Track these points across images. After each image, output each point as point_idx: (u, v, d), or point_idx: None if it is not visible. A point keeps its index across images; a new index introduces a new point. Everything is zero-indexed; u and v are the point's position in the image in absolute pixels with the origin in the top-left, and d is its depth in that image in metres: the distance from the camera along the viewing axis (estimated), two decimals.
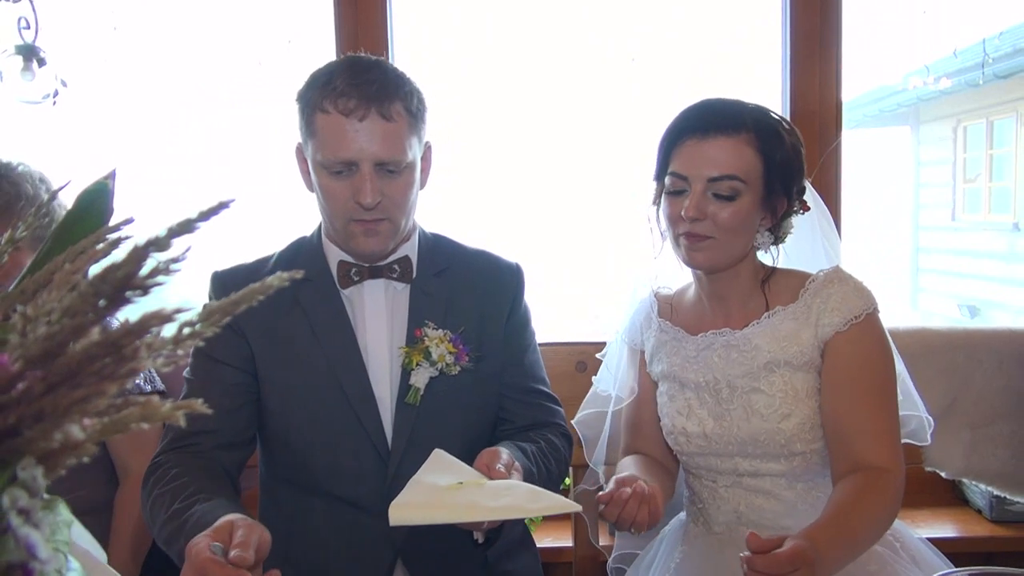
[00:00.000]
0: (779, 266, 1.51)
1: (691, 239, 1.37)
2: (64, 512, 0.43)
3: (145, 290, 0.43)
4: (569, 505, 1.13)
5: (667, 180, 1.41)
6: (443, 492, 1.13)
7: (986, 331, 2.19)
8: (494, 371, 1.48)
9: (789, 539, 1.11)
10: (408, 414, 1.40)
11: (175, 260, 0.44)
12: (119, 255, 0.42)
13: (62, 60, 2.34)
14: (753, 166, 1.36)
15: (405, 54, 2.44)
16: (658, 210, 1.48)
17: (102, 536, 1.78)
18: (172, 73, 2.90)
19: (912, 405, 1.56)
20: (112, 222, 0.48)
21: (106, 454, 1.82)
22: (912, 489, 2.37)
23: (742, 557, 1.11)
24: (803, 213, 1.48)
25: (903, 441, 1.53)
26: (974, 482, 2.22)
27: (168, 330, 0.45)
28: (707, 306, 1.51)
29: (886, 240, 8.35)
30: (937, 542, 2.10)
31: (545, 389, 1.56)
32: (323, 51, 2.45)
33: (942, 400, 2.10)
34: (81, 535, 0.91)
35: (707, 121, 1.37)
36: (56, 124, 2.44)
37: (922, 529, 2.18)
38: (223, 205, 0.45)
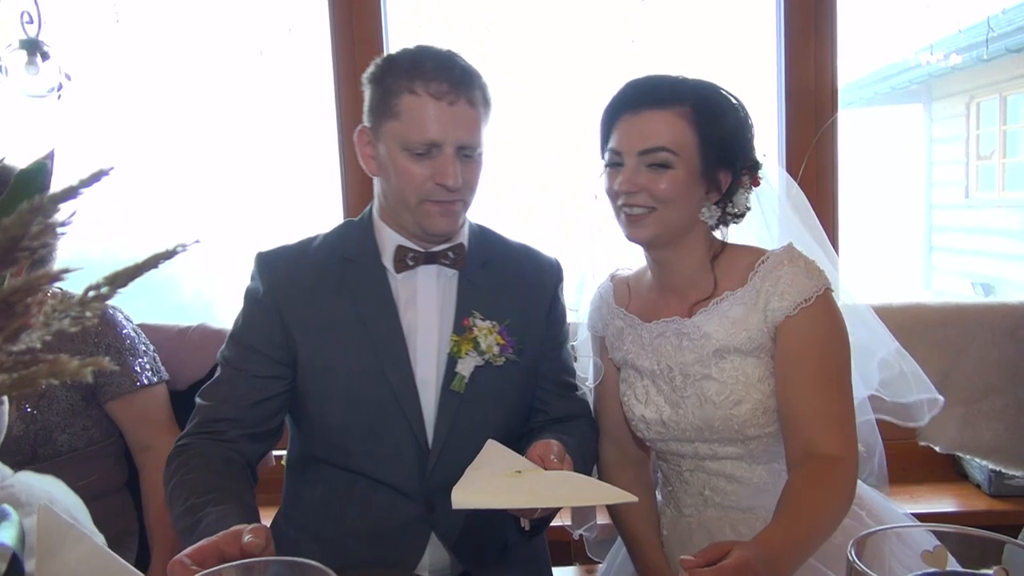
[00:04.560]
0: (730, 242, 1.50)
1: (630, 217, 1.39)
2: None
3: (32, 251, 0.46)
4: (624, 496, 1.13)
5: (606, 156, 1.42)
6: (503, 479, 1.17)
7: (979, 306, 2.20)
8: (533, 364, 1.51)
9: (735, 549, 1.07)
10: (452, 400, 1.42)
11: (62, 224, 0.46)
12: (8, 221, 0.44)
13: (65, 54, 2.37)
14: (685, 138, 1.35)
15: (400, 40, 2.46)
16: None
17: (112, 518, 1.83)
18: (174, 63, 2.92)
19: (925, 387, 1.55)
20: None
21: (111, 441, 1.87)
22: (912, 465, 2.41)
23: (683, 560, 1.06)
24: (753, 188, 1.46)
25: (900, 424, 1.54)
26: (969, 456, 2.24)
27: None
28: (659, 289, 1.50)
29: (898, 219, 8.28)
30: (937, 517, 2.13)
31: (575, 382, 1.60)
32: (323, 40, 2.48)
33: (935, 375, 2.09)
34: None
35: (639, 97, 1.39)
36: (61, 117, 2.48)
37: (922, 504, 2.21)
38: (103, 172, 0.48)
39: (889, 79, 7.43)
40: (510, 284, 1.51)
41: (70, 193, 0.47)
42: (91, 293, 0.46)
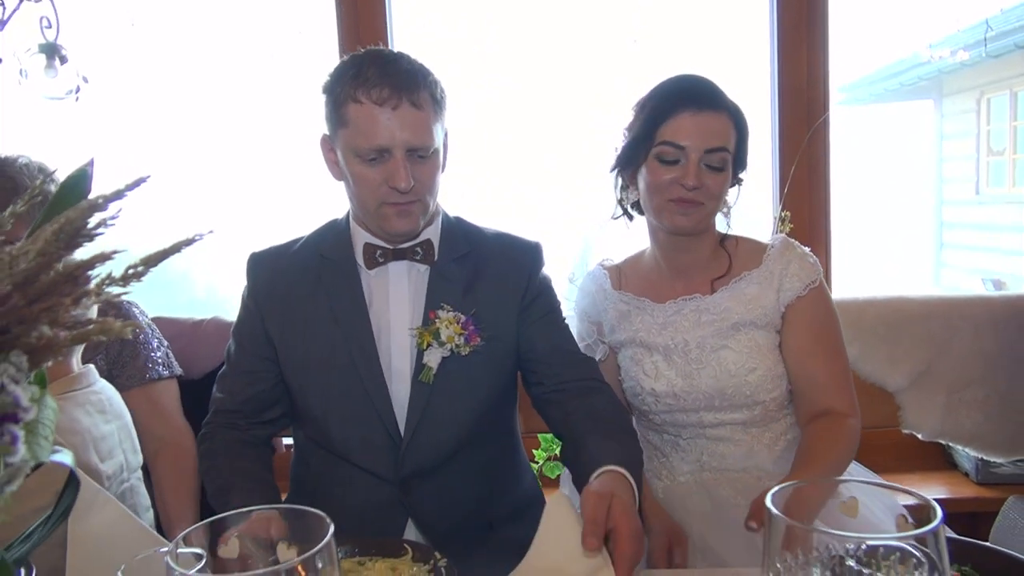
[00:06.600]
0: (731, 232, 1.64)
1: (683, 204, 1.48)
2: (50, 402, 0.57)
3: (91, 238, 0.58)
4: None
5: (657, 149, 1.48)
6: None
7: (962, 299, 2.24)
8: (508, 349, 1.53)
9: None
10: (422, 391, 1.47)
11: (112, 217, 0.60)
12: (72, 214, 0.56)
13: (83, 57, 2.47)
14: (733, 140, 1.49)
15: (404, 43, 2.54)
16: (617, 175, 1.59)
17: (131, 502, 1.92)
18: (188, 66, 3.01)
19: None
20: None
21: None
22: (903, 454, 2.47)
23: (748, 524, 1.18)
24: (739, 186, 1.60)
25: None
26: (951, 444, 2.29)
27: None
28: (667, 273, 1.61)
29: (908, 216, 8.27)
30: None
31: (574, 348, 1.58)
32: (331, 42, 2.56)
33: (919, 366, 2.17)
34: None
35: (701, 96, 1.47)
36: (79, 119, 2.58)
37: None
38: (142, 179, 0.59)
39: (899, 75, 7.42)
40: (483, 274, 1.53)
41: (118, 194, 0.60)
42: (130, 270, 0.58)
